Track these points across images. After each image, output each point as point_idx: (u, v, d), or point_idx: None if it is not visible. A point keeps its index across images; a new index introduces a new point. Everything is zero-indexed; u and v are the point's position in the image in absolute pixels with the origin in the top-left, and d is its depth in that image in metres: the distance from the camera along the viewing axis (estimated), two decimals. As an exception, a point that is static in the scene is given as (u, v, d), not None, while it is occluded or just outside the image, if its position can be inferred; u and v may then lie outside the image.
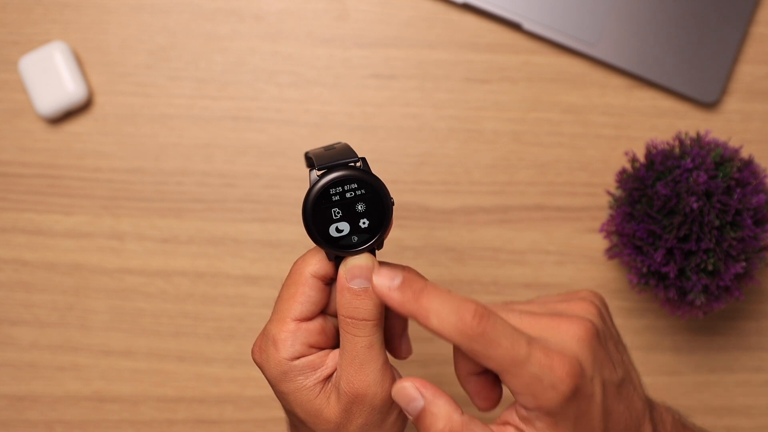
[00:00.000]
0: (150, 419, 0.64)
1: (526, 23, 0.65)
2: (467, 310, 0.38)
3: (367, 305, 0.41)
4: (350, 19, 0.66)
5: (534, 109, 0.66)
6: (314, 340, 0.43)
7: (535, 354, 0.38)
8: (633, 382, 0.44)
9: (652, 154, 0.57)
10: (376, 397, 0.42)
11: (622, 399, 0.42)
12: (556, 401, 0.38)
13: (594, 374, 0.40)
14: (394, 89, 0.66)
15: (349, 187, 0.41)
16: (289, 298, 0.43)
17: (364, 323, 0.41)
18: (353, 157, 0.42)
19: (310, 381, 0.42)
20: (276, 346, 0.42)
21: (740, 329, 0.65)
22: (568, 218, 0.65)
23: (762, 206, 0.55)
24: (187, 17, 0.66)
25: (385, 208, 0.42)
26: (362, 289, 0.41)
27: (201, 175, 0.65)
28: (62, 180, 0.65)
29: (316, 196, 0.41)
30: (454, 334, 0.38)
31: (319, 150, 0.44)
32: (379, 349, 0.42)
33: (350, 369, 0.41)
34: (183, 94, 0.65)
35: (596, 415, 0.40)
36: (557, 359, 0.39)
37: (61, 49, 0.64)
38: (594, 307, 0.43)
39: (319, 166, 0.41)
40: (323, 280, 0.43)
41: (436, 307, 0.39)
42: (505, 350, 0.38)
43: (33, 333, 0.65)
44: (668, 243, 0.54)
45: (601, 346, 0.42)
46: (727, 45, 0.65)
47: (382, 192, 0.42)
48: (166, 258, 0.65)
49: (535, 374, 0.38)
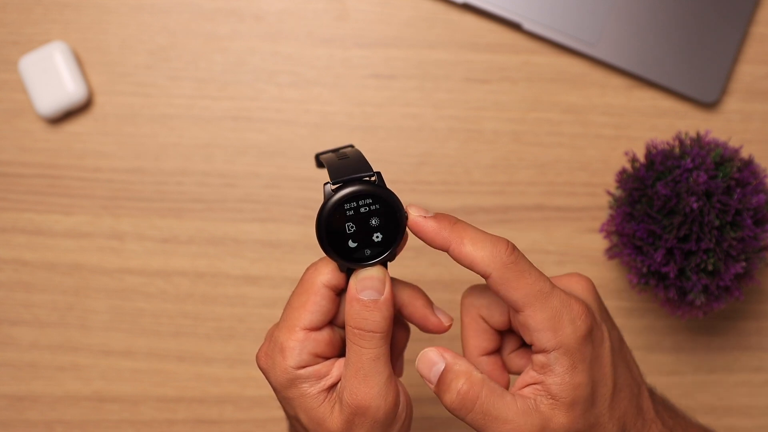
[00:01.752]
0: (150, 419, 0.64)
1: (526, 23, 0.65)
2: (500, 242, 0.41)
3: (375, 317, 0.41)
4: (350, 19, 0.66)
5: (534, 109, 0.66)
6: (321, 350, 0.43)
7: (557, 289, 0.41)
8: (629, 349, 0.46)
9: (652, 154, 0.57)
10: (379, 409, 0.41)
11: (623, 357, 0.45)
12: (574, 337, 0.40)
13: (602, 322, 0.43)
14: (394, 89, 0.66)
15: (363, 201, 0.41)
16: (300, 306, 0.43)
17: (371, 335, 0.41)
18: (368, 171, 0.42)
19: (315, 389, 0.42)
20: (283, 354, 0.42)
21: (740, 329, 0.65)
22: (568, 218, 0.65)
23: (762, 206, 0.55)
24: (187, 17, 0.66)
25: (399, 222, 0.42)
26: (372, 300, 0.41)
27: (201, 175, 0.65)
28: (62, 180, 0.65)
29: (330, 210, 0.41)
30: (487, 260, 0.41)
31: (332, 156, 0.44)
32: (385, 362, 0.42)
33: (354, 380, 0.41)
34: (183, 94, 0.65)
35: (606, 361, 0.42)
36: (573, 299, 0.42)
37: (61, 49, 0.64)
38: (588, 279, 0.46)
39: (334, 180, 0.41)
40: (334, 290, 0.43)
41: (471, 235, 0.41)
42: (533, 281, 0.41)
43: (33, 333, 0.65)
44: (668, 243, 0.54)
45: (602, 305, 0.45)
46: (727, 45, 0.65)
47: (397, 207, 0.42)
48: (166, 258, 0.65)
49: (556, 308, 0.41)
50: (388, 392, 0.42)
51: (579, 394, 0.41)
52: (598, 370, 0.42)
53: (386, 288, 0.42)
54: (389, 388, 0.42)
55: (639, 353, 0.65)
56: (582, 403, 0.41)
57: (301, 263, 0.65)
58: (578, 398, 0.41)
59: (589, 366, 0.41)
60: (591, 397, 0.41)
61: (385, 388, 0.42)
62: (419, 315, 0.45)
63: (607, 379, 0.42)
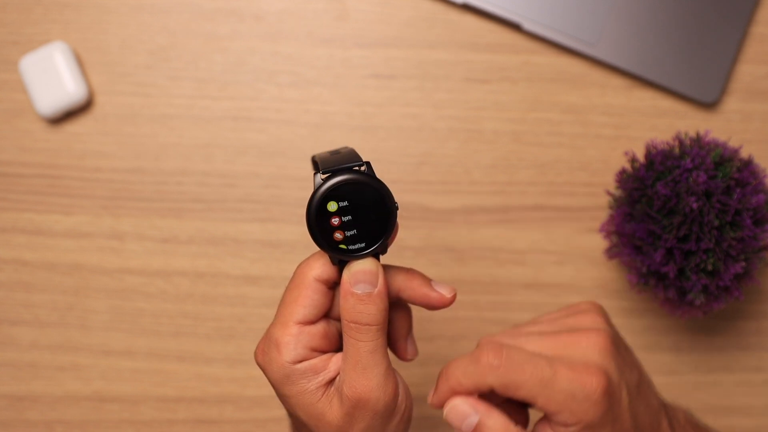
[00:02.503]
0: (150, 419, 0.64)
1: (526, 23, 0.65)
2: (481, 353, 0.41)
3: (371, 310, 0.41)
4: (350, 19, 0.66)
5: (534, 109, 0.66)
6: (317, 344, 0.43)
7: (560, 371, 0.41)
8: (647, 381, 0.46)
9: (652, 154, 0.57)
10: (379, 401, 0.42)
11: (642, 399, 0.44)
12: (594, 412, 0.41)
13: (620, 380, 0.42)
14: (394, 89, 0.66)
15: (353, 191, 0.41)
16: (292, 301, 0.43)
17: (367, 328, 0.41)
18: (357, 161, 0.41)
19: (313, 384, 0.42)
20: (279, 349, 0.42)
21: (740, 329, 0.65)
22: (568, 218, 0.65)
23: (761, 206, 0.55)
24: (187, 17, 0.66)
25: (389, 212, 0.42)
26: (366, 294, 0.41)
27: (201, 175, 0.65)
28: (62, 180, 0.65)
29: (320, 200, 0.41)
30: (481, 380, 0.42)
31: (325, 154, 0.44)
32: (383, 354, 0.42)
33: (353, 373, 0.41)
34: (183, 94, 0.65)
35: (627, 418, 0.42)
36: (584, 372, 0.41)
37: (62, 49, 0.64)
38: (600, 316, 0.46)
39: (323, 170, 0.41)
40: (327, 284, 0.43)
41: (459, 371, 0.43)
42: (531, 374, 0.41)
43: (33, 333, 0.65)
44: (668, 243, 0.54)
45: (618, 353, 0.44)
46: (727, 45, 0.65)
47: (387, 196, 0.41)
48: (166, 258, 0.65)
49: (566, 390, 0.40)
50: (387, 384, 0.42)
51: None
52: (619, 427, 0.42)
53: (380, 280, 0.42)
54: (388, 380, 0.42)
55: (639, 353, 0.65)
56: None
57: (301, 263, 0.65)
58: None
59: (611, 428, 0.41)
60: None
61: (384, 379, 0.42)
62: (419, 295, 0.45)
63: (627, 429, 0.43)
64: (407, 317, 0.48)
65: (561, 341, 0.43)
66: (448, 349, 0.65)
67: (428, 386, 0.65)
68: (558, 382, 0.40)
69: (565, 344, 0.43)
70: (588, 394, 0.40)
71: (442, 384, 0.44)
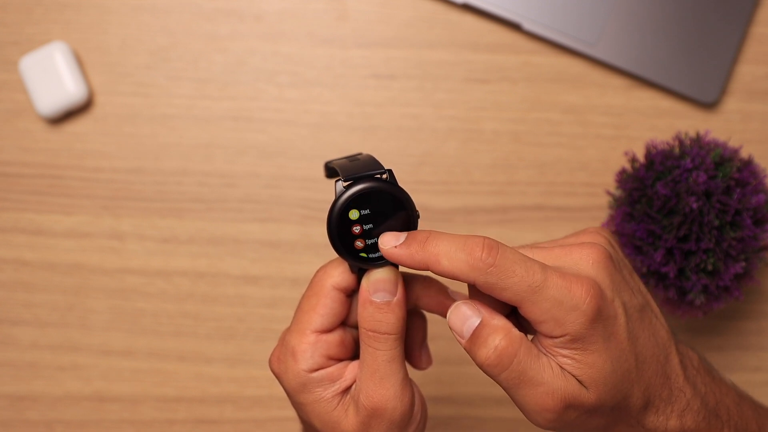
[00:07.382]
0: (150, 419, 0.64)
1: (526, 23, 0.65)
2: (475, 245, 0.38)
3: (389, 319, 0.41)
4: (350, 19, 0.66)
5: (534, 109, 0.66)
6: (333, 352, 0.43)
7: (551, 278, 0.38)
8: (654, 310, 0.43)
9: (652, 154, 0.57)
10: (396, 411, 0.41)
11: (645, 326, 0.42)
12: (580, 323, 0.38)
13: (614, 296, 0.40)
14: (394, 89, 0.66)
15: (375, 199, 0.41)
16: (310, 309, 0.43)
17: (386, 337, 0.41)
18: (379, 169, 0.41)
19: (329, 393, 0.42)
20: (295, 358, 0.42)
21: (740, 329, 0.65)
22: (568, 218, 0.65)
23: (761, 206, 0.55)
24: (187, 17, 0.66)
25: (410, 221, 0.41)
26: (385, 302, 0.41)
27: (201, 175, 0.65)
28: (63, 180, 0.65)
29: (342, 207, 0.40)
30: (466, 271, 0.38)
31: (343, 161, 0.44)
32: (400, 363, 0.42)
33: (370, 383, 0.41)
34: (183, 94, 0.65)
35: (623, 337, 0.40)
36: (574, 281, 0.38)
37: (62, 49, 0.64)
38: (602, 237, 0.43)
39: (345, 177, 0.41)
40: (345, 292, 0.43)
41: (444, 249, 0.39)
42: (520, 278, 0.38)
43: (33, 333, 0.65)
44: (668, 243, 0.54)
45: (616, 270, 0.41)
46: (727, 45, 0.65)
47: (408, 205, 0.41)
48: (166, 258, 0.65)
49: (554, 297, 0.38)
50: (404, 393, 0.41)
51: (596, 373, 0.39)
52: (615, 347, 0.40)
53: (399, 289, 0.41)
54: (405, 389, 0.41)
55: (639, 353, 0.65)
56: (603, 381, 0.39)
57: (301, 263, 0.65)
58: (597, 377, 0.39)
59: (603, 345, 0.39)
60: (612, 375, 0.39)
61: (401, 389, 0.41)
62: (436, 303, 0.44)
63: (626, 354, 0.40)
64: (422, 325, 0.47)
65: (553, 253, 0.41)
66: (449, 349, 0.65)
67: (428, 387, 0.65)
68: (547, 288, 0.38)
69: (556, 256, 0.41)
70: (576, 303, 0.38)
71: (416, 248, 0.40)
